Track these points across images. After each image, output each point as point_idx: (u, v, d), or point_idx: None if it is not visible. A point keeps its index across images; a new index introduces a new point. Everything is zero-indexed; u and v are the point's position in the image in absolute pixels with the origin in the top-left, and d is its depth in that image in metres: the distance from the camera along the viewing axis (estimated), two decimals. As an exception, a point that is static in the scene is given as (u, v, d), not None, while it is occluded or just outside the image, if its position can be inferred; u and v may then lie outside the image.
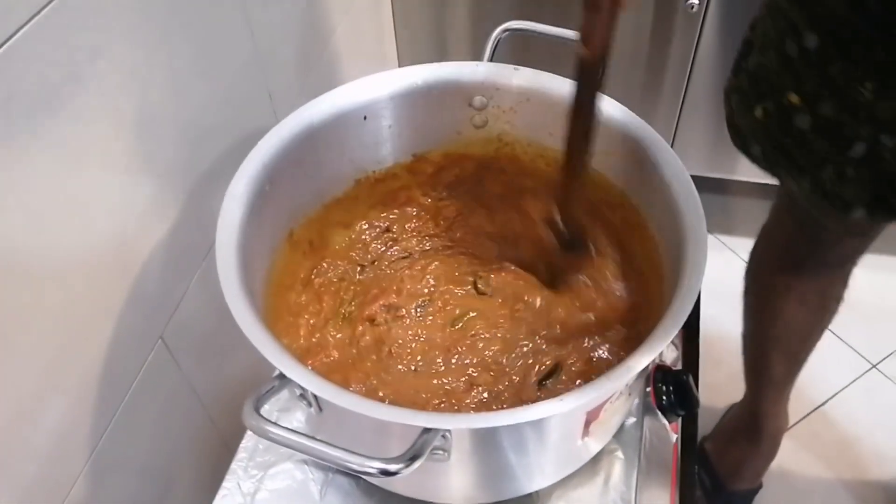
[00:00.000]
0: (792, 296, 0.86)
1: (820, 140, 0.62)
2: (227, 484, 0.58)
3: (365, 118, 0.61)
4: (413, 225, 0.69)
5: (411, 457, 0.39)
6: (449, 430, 0.42)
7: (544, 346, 0.60)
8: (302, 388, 0.43)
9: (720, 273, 1.19)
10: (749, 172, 1.34)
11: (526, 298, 0.64)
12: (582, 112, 0.55)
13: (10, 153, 0.45)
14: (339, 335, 0.60)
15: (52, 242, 0.50)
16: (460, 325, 0.63)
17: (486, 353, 0.60)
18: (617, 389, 0.46)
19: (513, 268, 0.66)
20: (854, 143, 0.59)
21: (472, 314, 0.63)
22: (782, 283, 0.86)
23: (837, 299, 0.87)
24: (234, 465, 0.59)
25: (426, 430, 0.41)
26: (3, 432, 0.49)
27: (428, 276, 0.66)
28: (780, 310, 0.87)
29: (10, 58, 0.43)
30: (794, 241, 0.83)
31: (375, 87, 0.61)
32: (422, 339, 0.61)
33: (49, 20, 0.45)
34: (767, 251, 0.89)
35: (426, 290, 0.65)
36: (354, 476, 0.58)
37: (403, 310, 0.63)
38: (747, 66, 0.69)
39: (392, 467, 0.39)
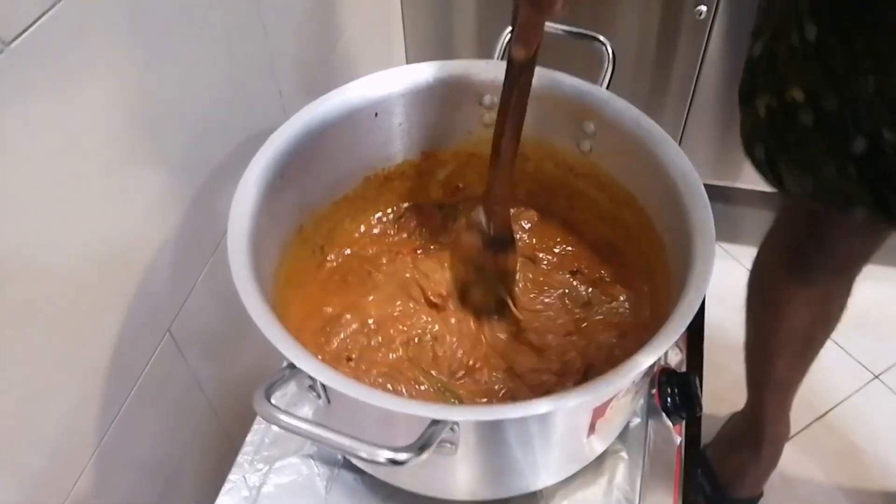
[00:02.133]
0: (796, 303, 0.86)
1: (822, 136, 0.61)
2: (233, 477, 0.58)
3: (376, 115, 0.62)
4: (422, 222, 0.69)
5: (420, 447, 0.39)
6: (457, 423, 0.42)
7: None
8: (311, 379, 0.44)
9: (724, 281, 1.19)
10: (753, 180, 1.35)
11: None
12: (512, 112, 0.55)
13: (21, 147, 0.45)
14: (349, 328, 0.60)
15: (62, 236, 0.51)
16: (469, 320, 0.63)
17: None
18: (623, 386, 0.47)
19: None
20: (856, 139, 0.58)
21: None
22: (786, 289, 0.86)
23: (841, 307, 0.87)
24: (239, 459, 0.59)
25: (434, 422, 0.41)
26: (12, 424, 0.49)
27: (437, 274, 0.66)
28: (783, 317, 0.87)
29: (24, 50, 0.43)
30: (798, 245, 0.82)
31: (387, 83, 0.61)
32: (430, 334, 0.62)
33: (63, 13, 0.46)
34: (771, 257, 0.88)
35: (434, 288, 0.65)
36: (360, 472, 0.58)
37: (413, 306, 0.64)
38: (752, 54, 0.69)
39: (401, 456, 0.39)
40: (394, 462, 0.38)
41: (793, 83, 0.61)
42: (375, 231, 0.69)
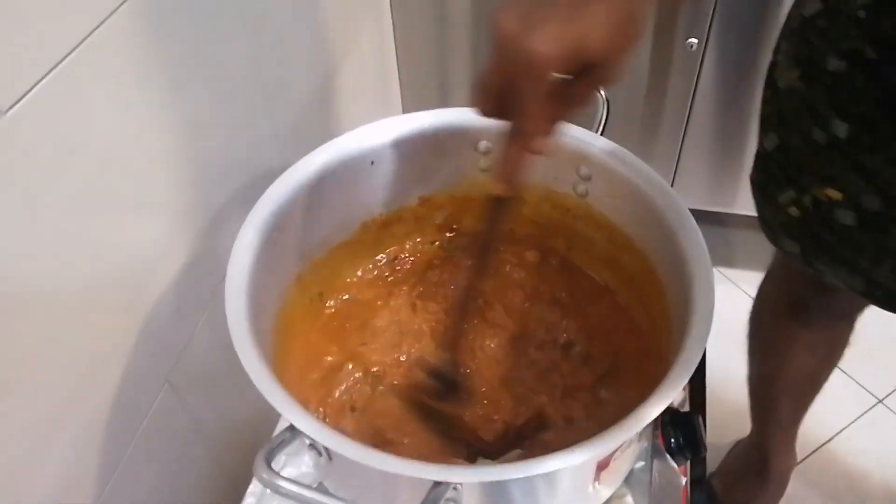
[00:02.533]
0: (798, 346, 0.84)
1: (868, 236, 0.55)
2: (234, 531, 0.58)
3: (372, 163, 0.62)
4: (419, 267, 0.69)
5: (423, 512, 0.39)
6: (460, 483, 0.42)
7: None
8: (313, 440, 0.43)
9: (722, 306, 1.18)
10: (749, 206, 1.35)
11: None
12: (488, 249, 0.52)
13: (26, 196, 0.45)
14: (350, 377, 0.60)
15: (62, 283, 0.51)
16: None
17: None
18: (628, 438, 0.46)
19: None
20: None
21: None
22: (789, 332, 0.85)
23: (844, 344, 0.87)
24: (240, 512, 0.59)
25: (437, 483, 0.41)
26: (11, 476, 0.48)
27: (433, 320, 0.66)
28: (786, 357, 0.86)
29: (30, 108, 0.44)
30: (798, 293, 0.80)
31: (382, 132, 0.61)
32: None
33: (60, 78, 0.46)
34: (773, 299, 0.87)
35: (429, 332, 0.65)
36: (362, 524, 0.58)
37: (408, 353, 0.63)
38: (764, 148, 0.64)
39: (404, 523, 0.38)
40: (397, 529, 0.38)
41: (823, 182, 0.56)
42: (373, 275, 0.69)
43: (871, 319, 0.85)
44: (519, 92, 0.39)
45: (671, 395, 0.44)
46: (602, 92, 0.61)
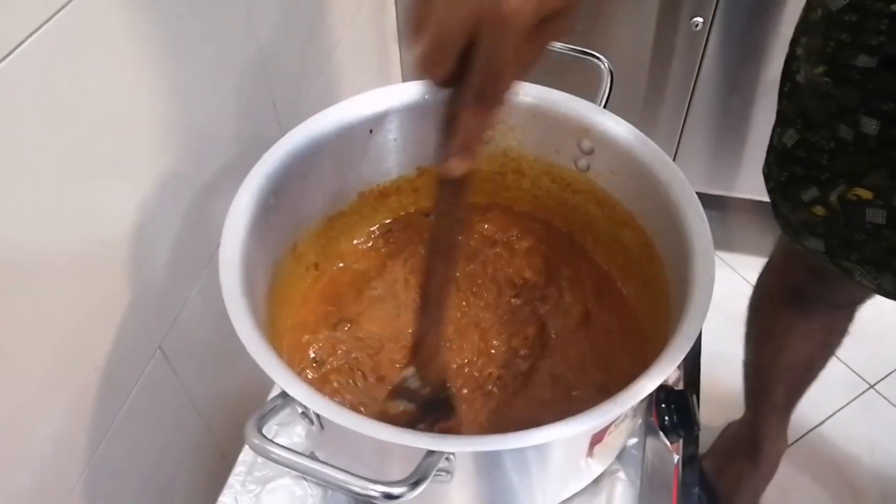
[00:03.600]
0: (797, 333, 0.84)
1: None
2: (224, 499, 0.57)
3: (371, 132, 0.61)
4: (414, 240, 0.69)
5: (415, 480, 0.38)
6: (453, 453, 0.41)
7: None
8: (305, 407, 0.43)
9: (719, 290, 1.18)
10: (749, 190, 1.35)
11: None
12: (446, 238, 0.46)
13: (15, 161, 0.45)
14: (344, 348, 0.60)
15: (55, 250, 0.50)
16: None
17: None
18: (623, 413, 0.46)
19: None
20: None
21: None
22: (787, 320, 0.85)
23: (842, 334, 0.86)
24: (231, 479, 0.58)
25: (430, 453, 0.40)
26: (1, 438, 0.48)
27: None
28: (784, 345, 0.86)
29: (16, 68, 0.43)
30: (800, 281, 0.80)
31: (382, 100, 0.60)
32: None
33: (57, 31, 0.45)
34: (773, 288, 0.86)
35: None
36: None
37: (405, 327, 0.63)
38: (782, 143, 0.62)
39: (396, 491, 0.38)
40: (389, 497, 0.38)
41: (852, 180, 0.55)
42: (367, 245, 0.68)
43: (866, 305, 0.85)
44: (491, 49, 0.36)
45: (668, 369, 0.44)
46: (606, 63, 0.60)
